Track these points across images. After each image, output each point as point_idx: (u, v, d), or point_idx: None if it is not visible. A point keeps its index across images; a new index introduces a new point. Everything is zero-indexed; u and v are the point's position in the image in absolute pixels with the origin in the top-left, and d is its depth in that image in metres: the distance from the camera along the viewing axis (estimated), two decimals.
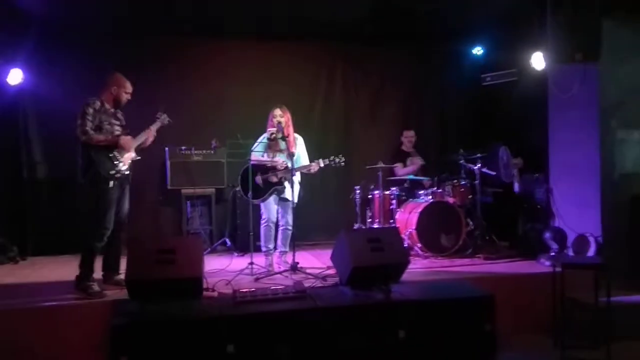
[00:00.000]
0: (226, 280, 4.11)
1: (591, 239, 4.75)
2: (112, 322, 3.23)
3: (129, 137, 4.03)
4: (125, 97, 4.06)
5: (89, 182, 3.87)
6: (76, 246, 5.63)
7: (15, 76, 5.54)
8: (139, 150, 4.15)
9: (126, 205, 4.12)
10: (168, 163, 5.93)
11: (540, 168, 5.55)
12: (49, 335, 3.48)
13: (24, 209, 5.90)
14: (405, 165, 6.23)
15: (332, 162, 4.69)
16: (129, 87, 4.08)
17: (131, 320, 3.24)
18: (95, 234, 3.85)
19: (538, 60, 5.38)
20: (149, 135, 4.18)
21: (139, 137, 4.13)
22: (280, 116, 4.69)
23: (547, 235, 4.98)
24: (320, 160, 4.69)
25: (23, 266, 5.31)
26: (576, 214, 5.02)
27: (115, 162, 3.91)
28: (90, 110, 3.86)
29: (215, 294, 3.80)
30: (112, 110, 4.03)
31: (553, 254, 4.85)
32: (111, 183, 3.86)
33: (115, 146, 3.93)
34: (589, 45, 4.33)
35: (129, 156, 4.05)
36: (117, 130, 4.01)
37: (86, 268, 3.83)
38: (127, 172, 4.03)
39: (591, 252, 4.73)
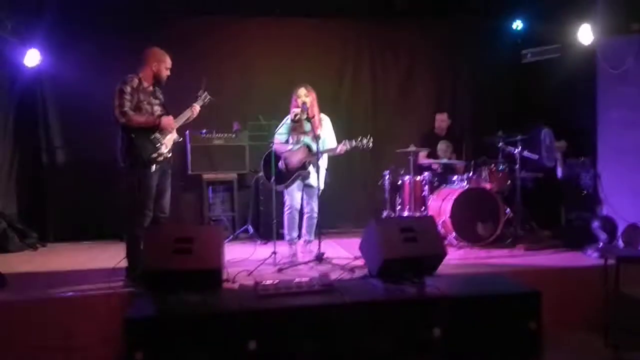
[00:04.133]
0: (248, 271, 3.89)
1: None
2: (127, 315, 3.03)
3: (170, 118, 3.78)
4: (165, 72, 3.79)
5: (129, 166, 3.63)
6: (97, 232, 5.69)
7: (33, 57, 5.40)
8: (178, 129, 3.91)
9: (168, 190, 3.87)
10: (189, 147, 5.72)
11: (587, 151, 5.17)
12: (62, 327, 3.33)
13: (44, 194, 5.82)
14: (432, 151, 5.86)
15: (360, 144, 4.38)
16: (169, 62, 3.80)
17: (147, 314, 3.05)
18: (136, 221, 3.62)
19: (585, 34, 4.97)
20: (190, 115, 3.95)
21: (180, 117, 3.88)
22: (305, 96, 4.40)
23: (595, 224, 4.59)
24: (347, 142, 4.39)
25: (42, 253, 5.23)
26: (627, 201, 4.65)
27: (157, 145, 3.67)
28: (128, 89, 3.59)
29: (236, 286, 3.59)
30: (151, 88, 3.77)
31: (601, 244, 4.46)
32: (153, 167, 3.63)
33: (156, 128, 3.68)
34: None
35: (171, 138, 3.81)
36: (157, 110, 3.76)
37: (133, 257, 3.62)
38: (168, 155, 3.80)
39: None
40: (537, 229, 5.25)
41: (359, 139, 4.40)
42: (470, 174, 5.28)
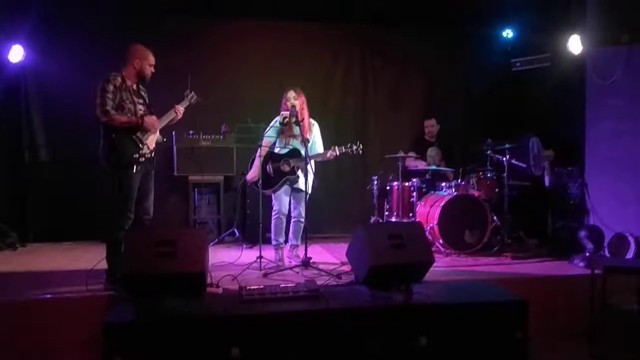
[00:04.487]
0: (232, 276, 3.82)
1: (631, 239, 4.39)
2: (106, 319, 2.93)
3: (153, 117, 3.68)
4: (149, 70, 3.69)
5: (110, 167, 3.54)
6: (79, 233, 5.56)
7: (16, 53, 5.28)
8: (163, 130, 3.82)
9: (151, 192, 3.77)
10: (175, 148, 5.64)
11: (574, 161, 5.17)
12: (40, 330, 3.24)
13: (25, 193, 5.68)
14: (419, 157, 5.85)
15: (350, 150, 4.35)
16: (152, 59, 3.71)
17: (127, 318, 2.95)
18: (117, 223, 3.53)
19: (575, 44, 4.98)
20: (175, 115, 3.83)
21: (164, 117, 3.78)
22: (295, 99, 4.35)
23: (582, 233, 4.58)
24: (337, 148, 4.35)
25: (21, 253, 5.10)
26: (614, 211, 4.66)
27: (139, 145, 3.58)
28: (111, 87, 3.50)
29: (220, 290, 3.51)
30: (135, 87, 3.68)
31: (588, 254, 4.46)
32: (134, 168, 3.54)
33: (139, 128, 3.59)
34: (638, 25, 3.89)
35: (154, 138, 3.71)
36: (140, 109, 3.66)
37: (114, 260, 3.52)
38: (151, 156, 3.70)
39: (630, 253, 4.36)
40: (524, 237, 5.23)
41: (349, 145, 4.36)
42: (459, 181, 5.27)
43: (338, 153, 4.36)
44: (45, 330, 3.24)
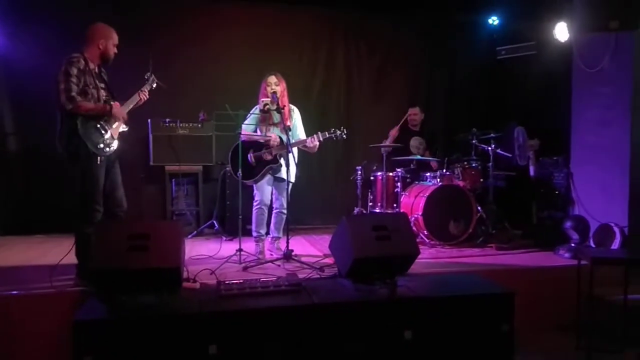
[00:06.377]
0: (210, 270, 3.67)
1: (616, 230, 4.34)
2: (76, 316, 2.80)
3: (119, 105, 3.47)
4: (113, 50, 3.47)
5: (72, 157, 3.31)
6: (51, 225, 5.33)
7: None
8: (130, 118, 3.61)
9: (120, 183, 3.58)
10: (151, 137, 5.43)
11: (560, 150, 5.12)
12: (6, 328, 3.08)
13: None
14: (405, 147, 5.74)
15: (333, 135, 4.22)
16: (116, 38, 3.49)
17: (98, 315, 2.82)
18: (85, 217, 3.33)
19: (561, 31, 4.91)
20: (139, 100, 3.63)
21: (127, 102, 3.56)
22: (276, 84, 4.19)
23: (568, 224, 4.54)
24: (319, 134, 4.22)
25: None
26: (600, 201, 4.61)
27: (103, 134, 3.37)
28: (75, 71, 3.25)
29: (197, 285, 3.37)
30: (97, 69, 3.45)
31: (573, 245, 4.41)
32: (99, 159, 3.33)
33: (106, 116, 3.37)
34: (628, 11, 3.81)
35: (118, 127, 3.50)
36: (103, 94, 3.44)
37: (83, 255, 3.34)
38: (115, 146, 3.49)
39: (616, 244, 4.32)
40: (509, 228, 5.18)
41: (332, 130, 4.25)
42: (444, 171, 5.18)
43: (322, 139, 4.23)
44: (10, 328, 3.09)
